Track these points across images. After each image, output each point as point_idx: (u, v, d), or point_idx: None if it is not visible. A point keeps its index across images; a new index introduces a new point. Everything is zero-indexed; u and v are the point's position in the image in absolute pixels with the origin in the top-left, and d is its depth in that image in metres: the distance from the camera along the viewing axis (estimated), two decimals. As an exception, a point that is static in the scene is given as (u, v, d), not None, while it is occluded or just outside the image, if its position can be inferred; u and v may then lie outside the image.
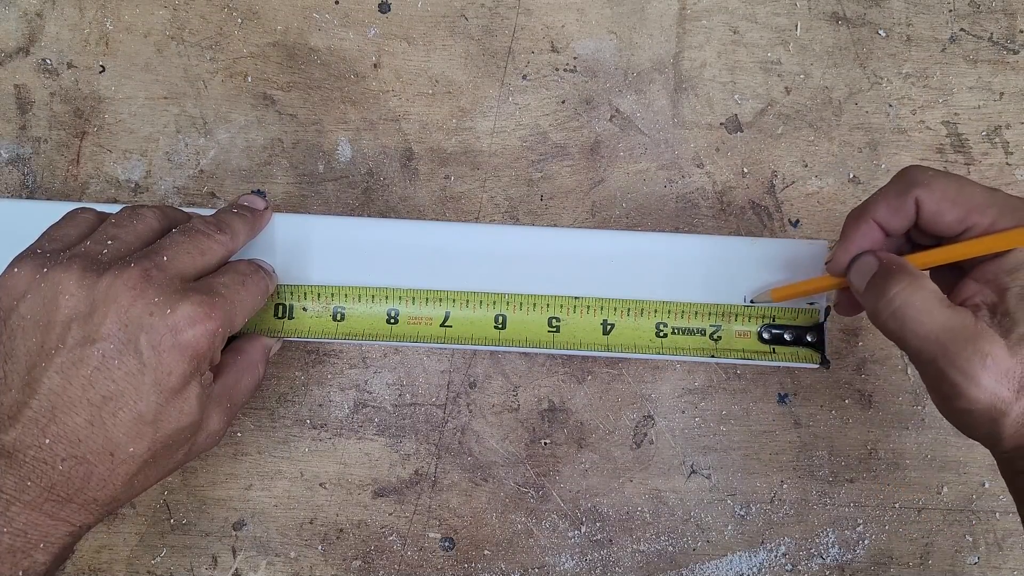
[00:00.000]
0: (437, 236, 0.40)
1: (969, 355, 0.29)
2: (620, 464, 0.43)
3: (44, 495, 0.30)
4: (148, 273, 0.31)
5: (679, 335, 0.39)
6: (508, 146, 0.45)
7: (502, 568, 0.43)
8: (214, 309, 0.32)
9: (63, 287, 0.31)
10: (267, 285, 0.37)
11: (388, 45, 0.45)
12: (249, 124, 0.45)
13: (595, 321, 0.39)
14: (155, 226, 0.35)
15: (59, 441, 0.30)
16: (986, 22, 0.45)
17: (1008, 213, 0.31)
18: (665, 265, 0.40)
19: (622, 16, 0.45)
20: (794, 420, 0.44)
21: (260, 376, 0.38)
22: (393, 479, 0.43)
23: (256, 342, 0.38)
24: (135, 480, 0.32)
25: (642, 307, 0.39)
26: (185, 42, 0.45)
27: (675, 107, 0.45)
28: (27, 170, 0.44)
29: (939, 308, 0.30)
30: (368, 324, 0.39)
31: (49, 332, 0.30)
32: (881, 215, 0.33)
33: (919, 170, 0.33)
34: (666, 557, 0.43)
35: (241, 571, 0.43)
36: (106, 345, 0.30)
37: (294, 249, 0.40)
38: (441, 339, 0.39)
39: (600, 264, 0.40)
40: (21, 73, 0.45)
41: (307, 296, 0.39)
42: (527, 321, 0.39)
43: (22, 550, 0.30)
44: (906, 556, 0.43)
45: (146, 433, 0.31)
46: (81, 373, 0.30)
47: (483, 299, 0.39)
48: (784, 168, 0.45)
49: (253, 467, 0.43)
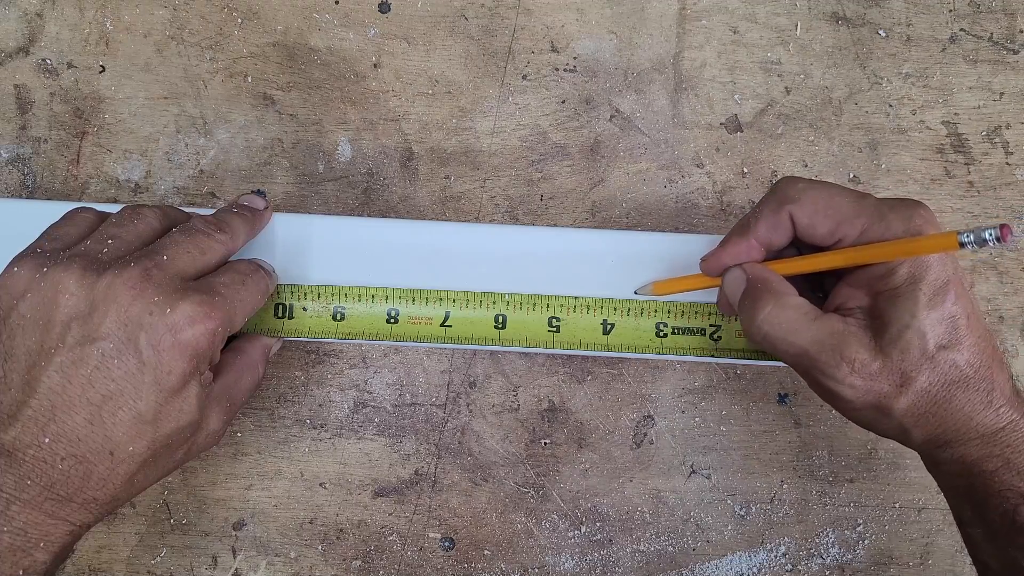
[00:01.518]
0: (437, 236, 0.40)
1: (837, 362, 0.31)
2: (620, 464, 0.43)
3: (44, 494, 0.30)
4: (148, 272, 0.31)
5: (679, 335, 0.39)
6: (508, 146, 0.45)
7: (502, 568, 0.43)
8: (214, 308, 0.32)
9: (63, 286, 0.31)
10: (267, 284, 0.37)
11: (388, 45, 0.45)
12: (249, 124, 0.45)
13: (595, 321, 0.39)
14: (155, 226, 0.35)
15: (59, 440, 0.30)
16: (986, 22, 0.45)
17: (876, 221, 0.32)
18: (664, 264, 0.40)
19: (622, 16, 0.45)
20: (794, 420, 0.44)
21: (260, 376, 0.38)
22: (393, 479, 0.43)
23: (256, 342, 0.38)
24: (135, 479, 0.32)
25: (642, 307, 0.39)
26: (185, 42, 0.45)
27: (675, 107, 0.45)
28: (27, 170, 0.44)
29: (805, 324, 0.32)
30: (368, 324, 0.39)
31: (49, 331, 0.30)
32: (761, 234, 0.34)
33: (790, 184, 0.34)
34: (666, 557, 0.43)
35: (241, 571, 0.43)
36: (106, 344, 0.30)
37: (294, 249, 0.40)
38: (441, 339, 0.39)
39: (600, 264, 0.40)
40: (21, 73, 0.45)
41: (307, 296, 0.39)
42: (527, 321, 0.39)
43: (22, 549, 0.30)
44: (906, 556, 0.43)
45: (146, 432, 0.31)
46: (81, 372, 0.30)
47: (483, 299, 0.39)
48: (784, 168, 0.45)
49: (253, 467, 0.43)
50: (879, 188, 0.44)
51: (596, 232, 0.41)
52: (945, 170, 0.45)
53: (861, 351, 0.31)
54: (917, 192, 0.45)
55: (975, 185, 0.45)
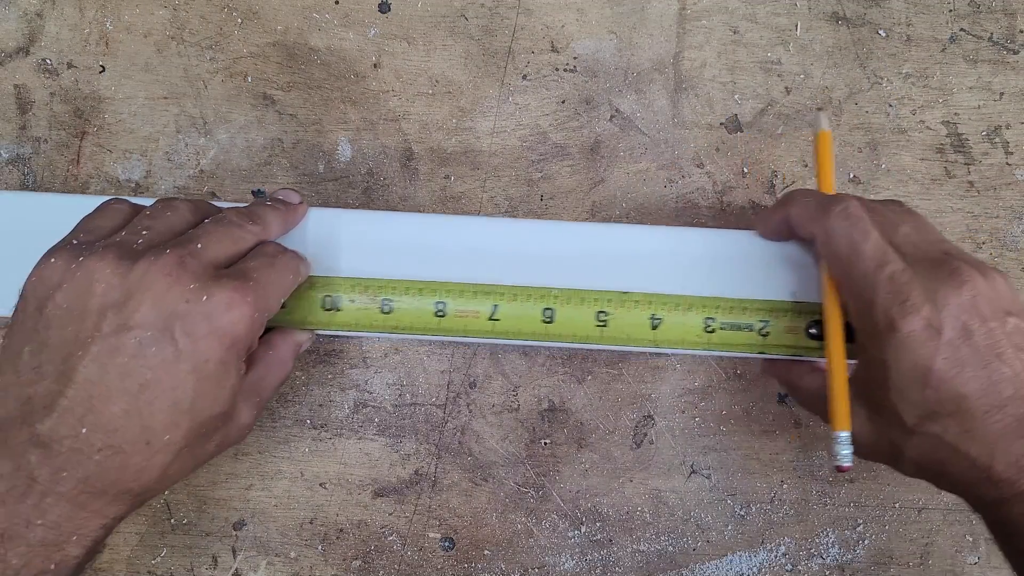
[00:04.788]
0: (477, 231, 0.40)
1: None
2: (620, 464, 0.43)
3: (79, 486, 0.30)
4: (183, 260, 0.31)
5: (728, 331, 0.39)
6: (508, 146, 0.45)
7: (502, 568, 0.43)
8: (248, 294, 0.32)
9: (98, 275, 0.30)
10: (297, 265, 0.36)
11: (388, 45, 0.45)
12: (249, 124, 0.45)
13: (643, 316, 0.39)
14: (189, 218, 0.35)
15: (95, 431, 0.30)
16: (986, 22, 0.45)
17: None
18: (707, 262, 0.40)
19: (622, 16, 0.45)
20: (794, 420, 0.44)
21: (289, 371, 0.38)
22: (393, 479, 0.43)
23: (288, 337, 0.38)
24: (169, 470, 0.32)
25: (690, 303, 0.39)
26: (185, 42, 0.45)
27: (675, 107, 0.45)
28: (27, 170, 0.44)
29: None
30: (416, 317, 0.39)
31: (84, 321, 0.30)
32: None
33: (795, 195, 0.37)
34: (666, 557, 0.43)
35: (241, 571, 0.43)
36: (142, 333, 0.30)
37: (331, 243, 0.39)
38: (489, 333, 0.39)
39: (646, 259, 0.39)
40: (21, 73, 0.45)
41: (354, 289, 0.39)
42: (575, 316, 0.39)
43: (55, 543, 0.29)
44: (906, 556, 0.43)
45: (182, 421, 0.31)
46: (117, 361, 0.30)
47: (532, 293, 0.39)
48: (784, 168, 0.45)
49: (253, 467, 0.43)
50: (879, 188, 0.44)
51: (645, 228, 0.41)
52: (945, 170, 0.45)
53: (858, 424, 0.34)
54: (917, 192, 0.45)
55: (975, 185, 0.45)
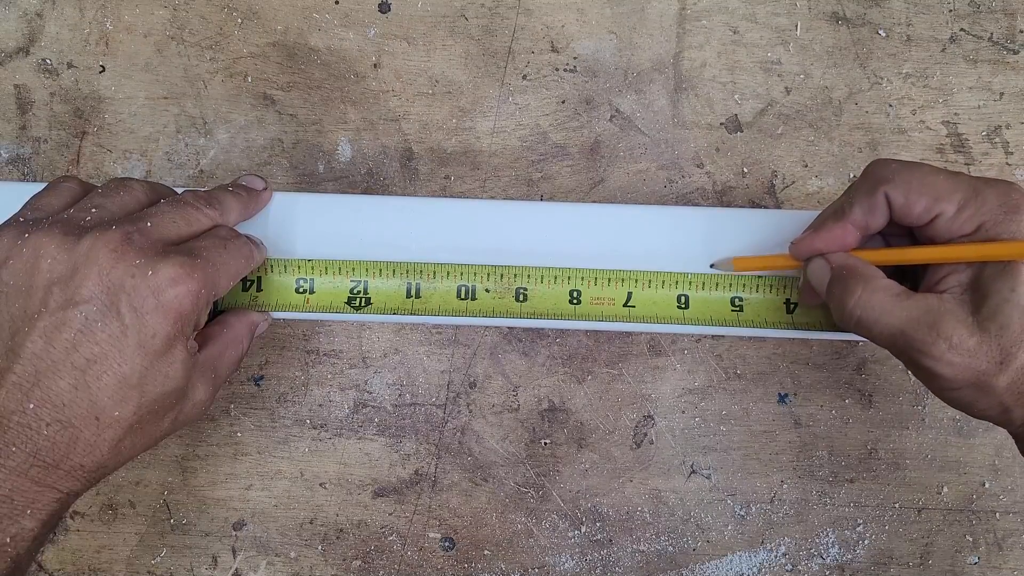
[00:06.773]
0: (560, 215, 0.40)
1: (934, 339, 0.31)
2: (620, 464, 0.43)
3: (29, 461, 0.30)
4: (129, 236, 0.31)
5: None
6: (508, 146, 0.45)
7: (502, 568, 0.43)
8: (195, 269, 0.32)
9: (44, 251, 0.30)
10: (250, 250, 0.36)
11: (388, 45, 0.45)
12: (249, 124, 0.45)
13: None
14: (141, 198, 0.34)
15: (43, 406, 0.30)
16: (986, 22, 0.45)
17: (972, 196, 0.32)
18: (744, 241, 0.39)
19: (622, 16, 0.45)
20: (794, 420, 0.44)
21: (244, 350, 0.37)
22: (393, 479, 0.43)
23: (243, 316, 0.38)
24: (121, 445, 0.32)
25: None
26: (185, 42, 0.45)
27: (675, 107, 0.45)
28: (27, 170, 0.44)
29: (898, 304, 0.32)
30: (552, 303, 0.39)
31: (31, 296, 0.30)
32: (857, 217, 0.34)
33: (883, 165, 0.34)
34: (666, 557, 0.43)
35: (241, 571, 0.43)
36: (88, 308, 0.30)
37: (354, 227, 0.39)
38: (625, 318, 0.39)
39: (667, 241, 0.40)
40: (21, 73, 0.45)
41: (489, 278, 0.39)
42: (709, 300, 0.39)
43: (8, 516, 0.30)
44: (906, 556, 0.43)
45: (131, 397, 0.31)
46: (64, 336, 0.30)
47: (665, 279, 0.39)
48: (784, 168, 0.45)
49: (253, 467, 0.43)
50: (879, 188, 0.44)
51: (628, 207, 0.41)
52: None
53: (958, 327, 0.30)
54: (917, 192, 0.45)
55: (975, 185, 0.45)
